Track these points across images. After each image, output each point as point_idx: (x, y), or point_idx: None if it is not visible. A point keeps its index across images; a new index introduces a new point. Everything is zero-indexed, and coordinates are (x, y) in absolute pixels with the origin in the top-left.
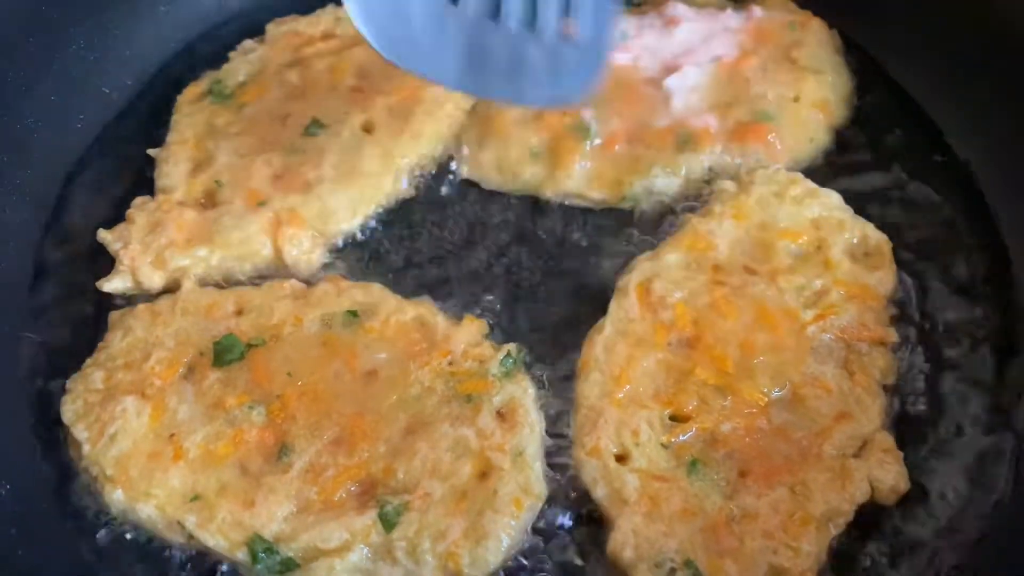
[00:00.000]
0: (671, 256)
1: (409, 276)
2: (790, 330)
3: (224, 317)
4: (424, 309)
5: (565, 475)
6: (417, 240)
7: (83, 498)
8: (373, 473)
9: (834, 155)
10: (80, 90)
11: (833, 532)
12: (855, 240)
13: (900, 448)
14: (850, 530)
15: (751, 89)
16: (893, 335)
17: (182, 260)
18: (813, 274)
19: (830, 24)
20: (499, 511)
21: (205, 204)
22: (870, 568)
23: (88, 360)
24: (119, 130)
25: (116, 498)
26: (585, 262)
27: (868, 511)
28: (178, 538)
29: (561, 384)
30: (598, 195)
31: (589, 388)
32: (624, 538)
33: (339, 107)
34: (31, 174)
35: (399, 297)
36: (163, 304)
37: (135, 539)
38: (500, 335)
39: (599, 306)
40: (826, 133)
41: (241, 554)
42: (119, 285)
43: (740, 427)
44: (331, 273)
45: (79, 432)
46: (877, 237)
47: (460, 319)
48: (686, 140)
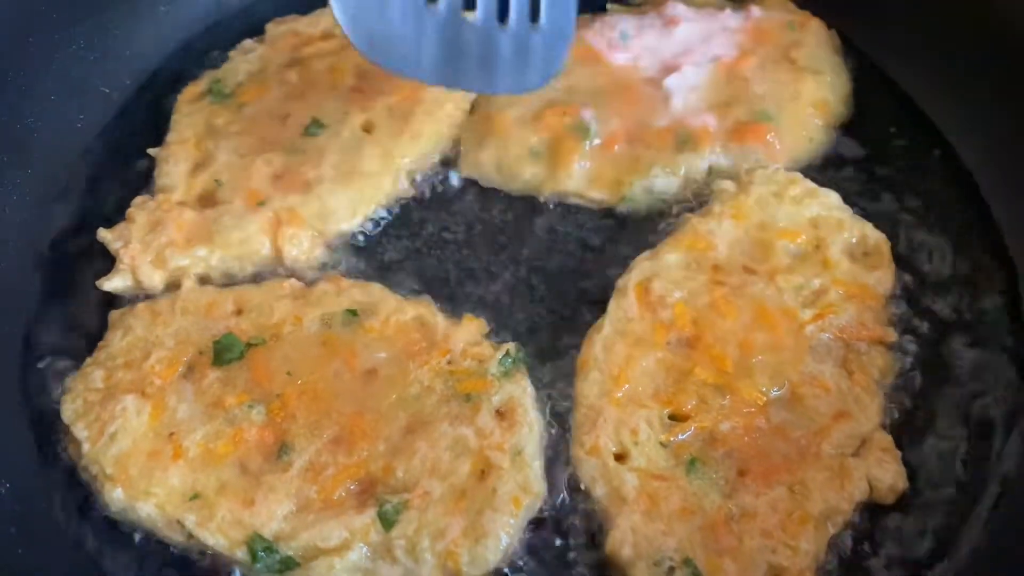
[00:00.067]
0: (670, 256)
1: (409, 276)
2: (789, 329)
3: (224, 316)
4: (423, 308)
5: (564, 474)
6: (417, 240)
7: (83, 497)
8: (372, 472)
9: (833, 155)
10: (80, 90)
11: (831, 531)
12: (854, 240)
13: (898, 447)
14: (848, 529)
15: (750, 89)
16: (892, 334)
17: (182, 259)
18: (812, 273)
19: (829, 24)
20: (498, 510)
21: (205, 203)
22: (868, 567)
23: (88, 359)
24: (119, 130)
25: (116, 497)
26: (584, 262)
27: (867, 510)
28: (178, 537)
29: (560, 383)
30: (598, 195)
31: (588, 387)
32: (623, 536)
33: (339, 107)
34: (31, 174)
35: (398, 296)
36: (163, 303)
37: (134, 538)
38: (499, 334)
39: (598, 305)
40: (825, 133)
41: (241, 553)
42: (119, 284)
43: (739, 426)
44: (331, 273)
45: (79, 431)
46: (876, 237)
47: (459, 318)
48: (685, 140)
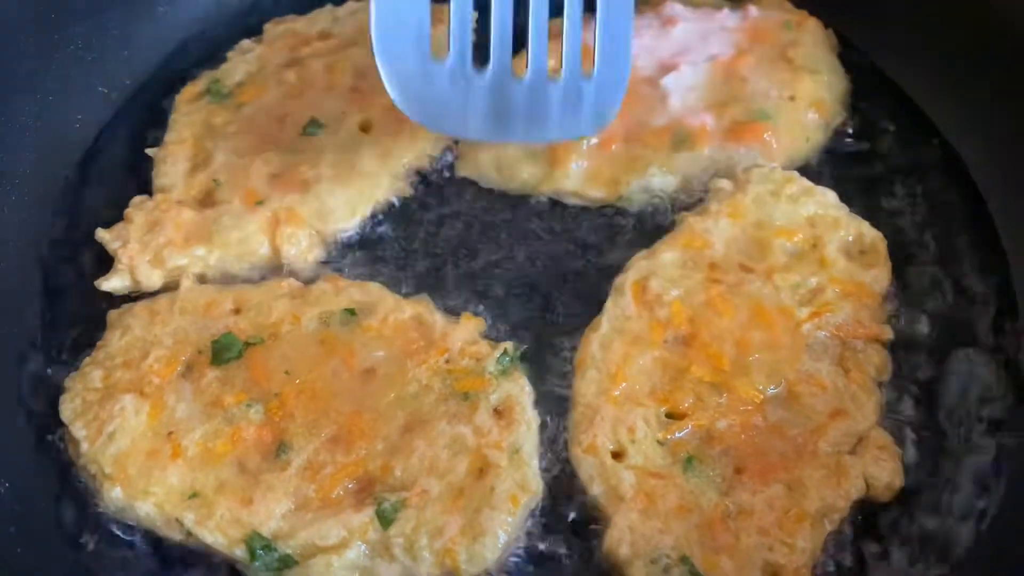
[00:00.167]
0: (667, 254)
1: (407, 275)
2: (786, 328)
3: (222, 316)
4: (422, 307)
5: (562, 472)
6: (415, 239)
7: (82, 496)
8: (371, 470)
9: (830, 154)
10: (78, 90)
11: (828, 528)
12: (850, 238)
13: (895, 445)
14: (845, 527)
15: (747, 88)
16: (888, 332)
17: (180, 259)
18: (808, 272)
19: (826, 23)
20: (496, 508)
21: (203, 203)
22: (865, 564)
23: (86, 359)
24: (117, 130)
25: (114, 496)
26: (582, 260)
27: (863, 508)
28: (176, 536)
29: (558, 382)
30: (595, 194)
31: (586, 386)
32: (620, 534)
33: (337, 107)
34: (30, 174)
35: (397, 296)
36: (161, 303)
37: (133, 537)
38: (497, 333)
39: (596, 304)
40: (822, 132)
41: (239, 551)
42: (117, 284)
43: (736, 424)
44: (329, 272)
45: (77, 430)
46: (872, 235)
47: (457, 317)
48: (683, 139)
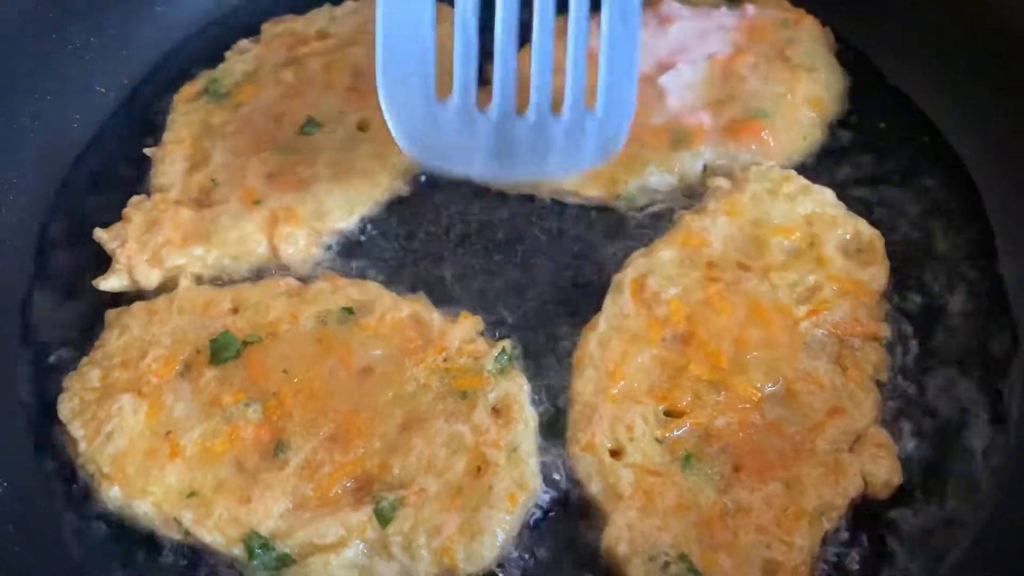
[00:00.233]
0: (665, 253)
1: (404, 273)
2: (783, 326)
3: (220, 315)
4: (419, 306)
5: (560, 471)
6: (412, 238)
7: (80, 495)
8: (369, 469)
9: (827, 152)
10: (76, 90)
11: (826, 526)
12: (848, 236)
13: (893, 442)
14: (843, 524)
15: (745, 87)
16: (886, 330)
17: (178, 258)
18: (806, 270)
19: (823, 22)
20: (494, 506)
21: (201, 203)
22: (863, 562)
23: (85, 358)
24: (115, 129)
25: (113, 495)
26: (580, 259)
27: (861, 505)
28: (175, 535)
29: (556, 380)
30: (593, 193)
31: (584, 384)
32: (619, 532)
33: (334, 106)
34: (28, 174)
35: (394, 294)
36: (160, 302)
37: (132, 536)
38: (495, 332)
39: (594, 302)
40: (820, 130)
41: (237, 550)
42: (115, 283)
43: (734, 422)
44: (327, 271)
45: (76, 430)
46: (870, 233)
47: (455, 316)
48: (681, 138)
